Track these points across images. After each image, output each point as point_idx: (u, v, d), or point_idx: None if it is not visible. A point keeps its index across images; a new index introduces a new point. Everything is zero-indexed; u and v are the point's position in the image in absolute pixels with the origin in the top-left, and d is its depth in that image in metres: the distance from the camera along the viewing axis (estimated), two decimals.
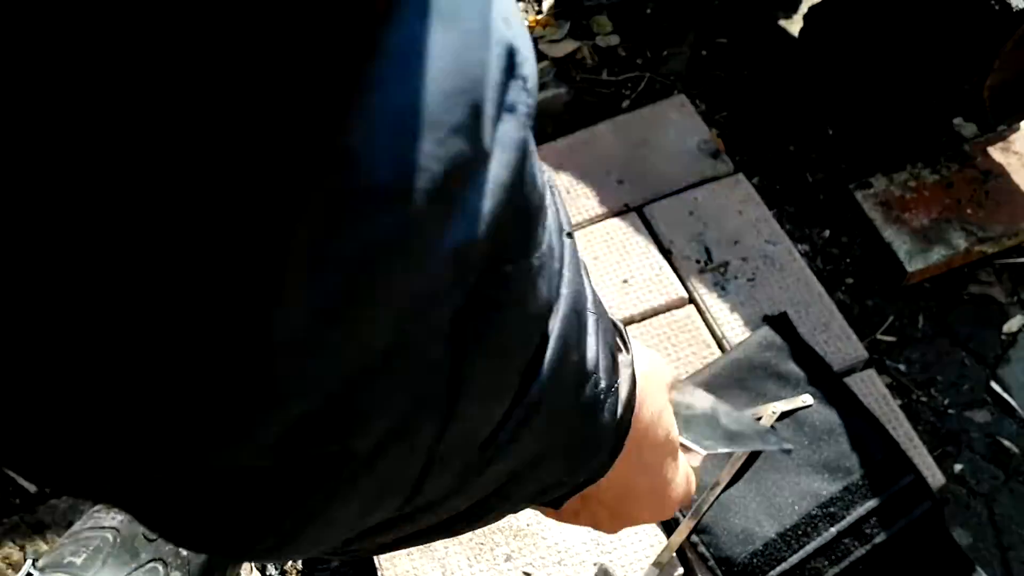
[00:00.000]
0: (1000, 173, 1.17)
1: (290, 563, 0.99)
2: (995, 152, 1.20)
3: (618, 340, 0.40)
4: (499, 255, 0.23)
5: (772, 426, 0.91)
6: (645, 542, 0.90)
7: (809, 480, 0.90)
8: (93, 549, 0.84)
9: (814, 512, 0.88)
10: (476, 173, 0.20)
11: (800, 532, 0.87)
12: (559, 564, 0.89)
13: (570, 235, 0.30)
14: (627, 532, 0.90)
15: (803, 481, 0.90)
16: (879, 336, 1.11)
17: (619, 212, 1.13)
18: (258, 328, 0.17)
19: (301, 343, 0.18)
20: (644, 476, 0.45)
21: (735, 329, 1.02)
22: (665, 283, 1.06)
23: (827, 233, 1.18)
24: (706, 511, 0.87)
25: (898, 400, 1.03)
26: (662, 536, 0.90)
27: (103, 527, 0.86)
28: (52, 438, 0.18)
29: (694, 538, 0.87)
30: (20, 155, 0.14)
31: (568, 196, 1.15)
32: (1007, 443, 1.03)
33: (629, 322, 1.04)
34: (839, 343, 1.01)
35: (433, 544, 0.91)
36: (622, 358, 0.38)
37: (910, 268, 1.10)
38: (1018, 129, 1.21)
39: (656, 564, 0.89)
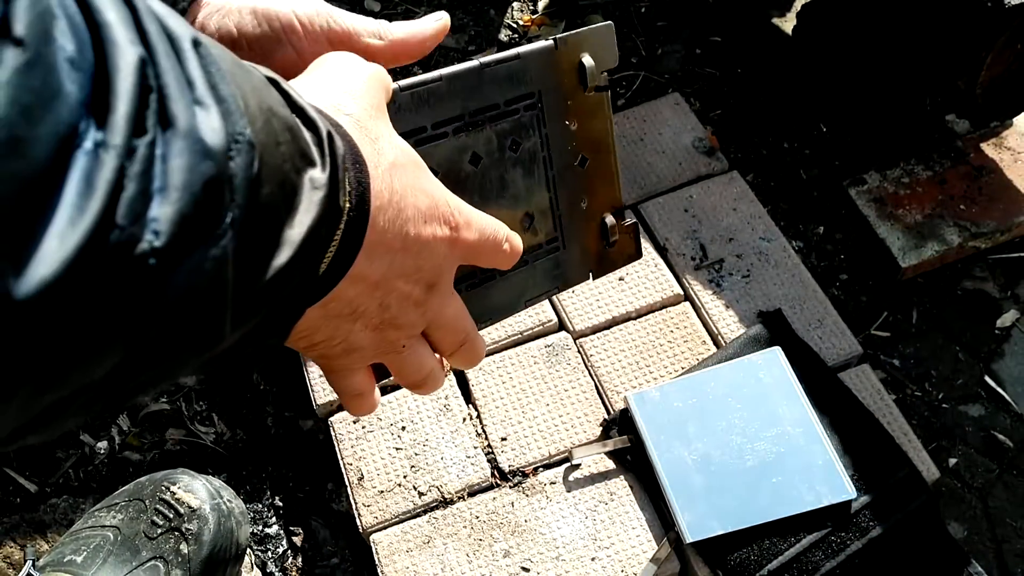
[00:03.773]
0: (993, 169, 1.18)
1: (290, 560, 0.99)
2: (988, 148, 1.20)
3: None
4: None
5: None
6: (643, 537, 0.91)
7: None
8: (93, 547, 0.84)
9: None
10: None
11: (796, 526, 0.88)
12: (557, 559, 0.90)
13: None
14: (626, 528, 0.91)
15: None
16: (873, 331, 1.12)
17: None
18: None
19: None
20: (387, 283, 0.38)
21: (730, 326, 1.03)
22: (661, 280, 1.07)
23: (821, 229, 1.19)
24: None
25: (892, 395, 1.04)
26: (661, 532, 0.91)
27: (104, 525, 0.87)
28: None
29: (689, 535, 0.88)
30: None
31: None
32: (1001, 437, 1.04)
33: (625, 319, 1.05)
34: (833, 339, 1.02)
35: (432, 541, 0.92)
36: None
37: (904, 264, 1.11)
38: (1011, 125, 1.22)
39: (654, 560, 0.89)
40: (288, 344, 0.39)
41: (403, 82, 0.42)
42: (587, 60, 0.49)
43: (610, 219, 0.52)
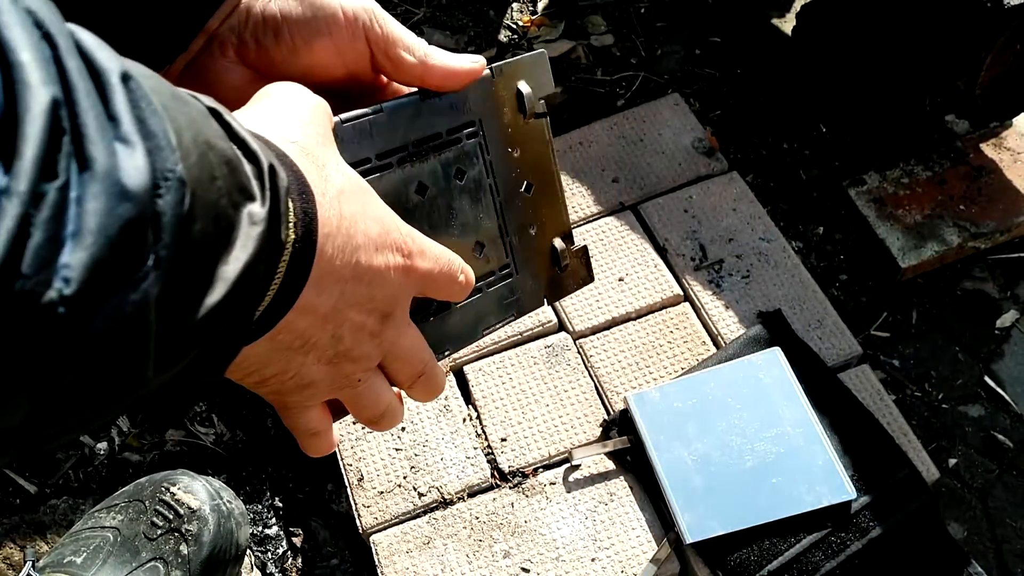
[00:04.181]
0: (992, 169, 1.18)
1: (290, 561, 0.99)
2: (987, 148, 1.21)
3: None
4: None
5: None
6: (643, 538, 0.91)
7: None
8: (93, 548, 0.84)
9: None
10: None
11: (796, 526, 0.88)
12: (557, 560, 0.90)
13: None
14: (626, 529, 0.91)
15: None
16: (873, 332, 1.12)
17: (614, 210, 1.14)
18: None
19: None
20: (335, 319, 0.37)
21: (730, 326, 1.03)
22: (660, 281, 1.07)
23: (821, 230, 1.19)
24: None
25: (892, 395, 1.04)
26: (661, 533, 0.91)
27: (103, 527, 0.87)
28: None
29: (689, 535, 0.88)
30: None
31: None
32: (1001, 437, 1.04)
33: (625, 320, 1.05)
34: (833, 339, 1.02)
35: (432, 542, 0.92)
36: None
37: (903, 264, 1.11)
38: (1010, 126, 1.22)
39: (654, 561, 0.89)
40: (239, 380, 0.38)
41: (344, 115, 0.42)
42: (524, 88, 0.49)
43: (559, 244, 0.53)
